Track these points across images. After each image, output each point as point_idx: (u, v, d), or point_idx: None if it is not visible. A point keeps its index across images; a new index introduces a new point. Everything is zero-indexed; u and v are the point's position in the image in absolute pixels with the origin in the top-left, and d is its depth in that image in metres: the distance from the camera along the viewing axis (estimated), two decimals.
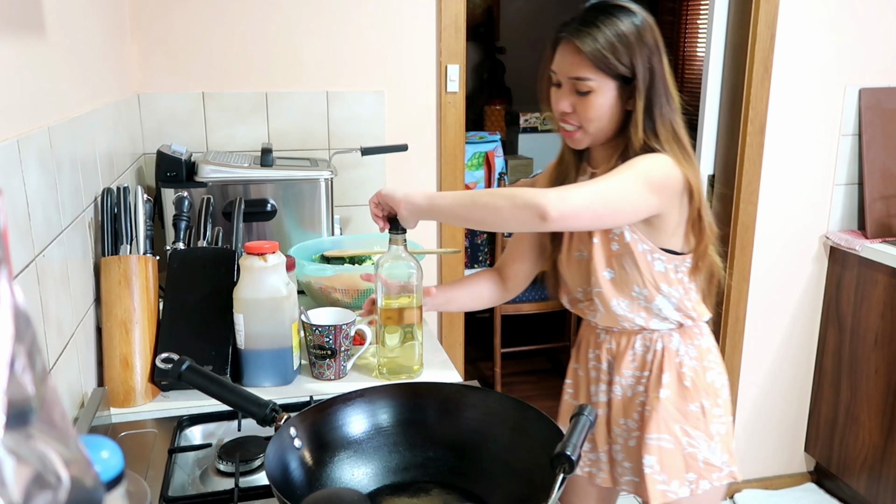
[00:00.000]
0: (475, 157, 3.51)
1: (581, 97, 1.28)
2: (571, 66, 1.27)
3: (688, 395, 1.36)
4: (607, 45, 1.24)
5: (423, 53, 2.19)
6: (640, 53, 1.25)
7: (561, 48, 1.29)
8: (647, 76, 1.25)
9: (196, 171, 1.79)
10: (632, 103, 1.28)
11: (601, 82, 1.26)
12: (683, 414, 1.36)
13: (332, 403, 1.01)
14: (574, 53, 1.26)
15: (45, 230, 1.08)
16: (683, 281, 1.35)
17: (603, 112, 1.28)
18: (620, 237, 1.32)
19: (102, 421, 1.18)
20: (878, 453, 2.44)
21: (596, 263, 1.34)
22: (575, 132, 1.32)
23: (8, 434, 0.33)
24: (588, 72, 1.25)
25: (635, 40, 1.25)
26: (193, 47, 2.04)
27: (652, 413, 1.35)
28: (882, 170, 2.49)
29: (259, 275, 1.29)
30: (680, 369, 1.37)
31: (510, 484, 0.95)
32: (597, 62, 1.24)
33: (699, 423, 1.37)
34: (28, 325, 0.37)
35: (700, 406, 1.37)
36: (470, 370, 3.54)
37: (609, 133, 1.31)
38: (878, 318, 2.41)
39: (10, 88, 1.01)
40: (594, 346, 1.45)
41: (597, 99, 1.27)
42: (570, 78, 1.27)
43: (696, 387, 1.37)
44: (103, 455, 0.45)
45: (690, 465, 1.36)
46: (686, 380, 1.36)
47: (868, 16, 2.41)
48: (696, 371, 1.38)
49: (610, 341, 1.42)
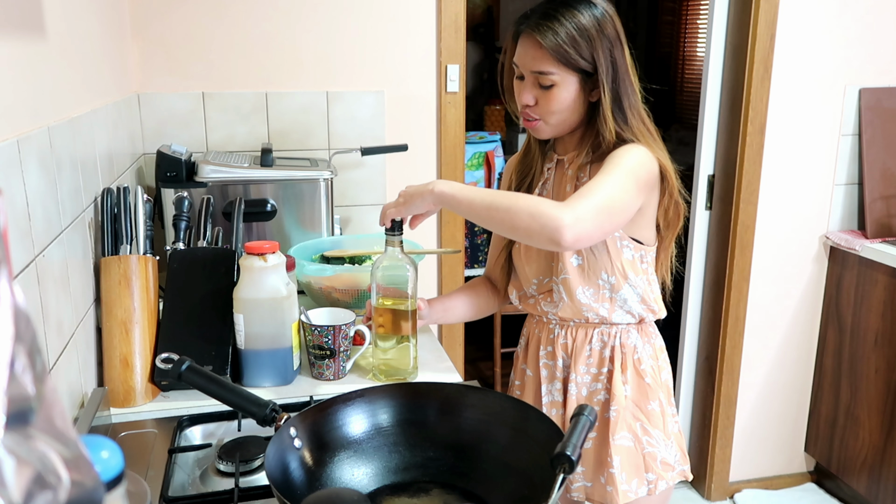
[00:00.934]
0: (475, 157, 3.51)
1: (544, 90, 1.27)
2: (534, 61, 1.26)
3: (649, 393, 1.36)
4: (568, 40, 1.23)
5: (423, 53, 2.19)
6: (602, 47, 1.24)
7: (522, 41, 1.29)
8: (609, 69, 1.25)
9: (196, 171, 1.79)
10: (595, 94, 1.28)
11: (563, 76, 1.25)
12: (645, 413, 1.35)
13: (332, 403, 1.01)
14: (536, 47, 1.25)
15: (45, 230, 1.08)
16: (648, 272, 1.35)
17: (565, 105, 1.28)
18: None
19: (102, 421, 1.18)
20: (878, 453, 2.44)
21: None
22: (535, 123, 1.32)
23: (8, 434, 0.33)
24: (550, 66, 1.25)
25: (596, 34, 1.24)
26: (193, 47, 2.04)
27: (619, 412, 1.33)
28: (882, 170, 2.49)
29: (259, 275, 1.29)
30: (639, 366, 1.36)
31: (510, 484, 0.95)
32: (558, 57, 1.24)
33: (658, 422, 1.36)
34: (28, 325, 0.37)
35: (659, 404, 1.37)
36: (470, 370, 3.54)
37: (573, 124, 1.32)
38: (878, 318, 2.41)
39: (10, 88, 1.01)
40: (546, 342, 1.42)
41: (559, 92, 1.27)
42: (533, 72, 1.27)
43: (655, 384, 1.36)
44: (103, 455, 0.45)
45: (650, 464, 1.35)
46: (647, 377, 1.36)
47: (868, 16, 2.41)
48: (654, 369, 1.37)
49: (565, 336, 1.39)
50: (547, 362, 1.42)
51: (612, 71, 1.25)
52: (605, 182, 1.21)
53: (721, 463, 2.70)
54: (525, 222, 1.16)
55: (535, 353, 1.44)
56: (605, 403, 1.36)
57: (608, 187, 1.20)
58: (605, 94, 1.26)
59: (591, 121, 1.31)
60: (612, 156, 1.26)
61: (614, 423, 1.33)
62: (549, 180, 1.41)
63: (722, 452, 2.69)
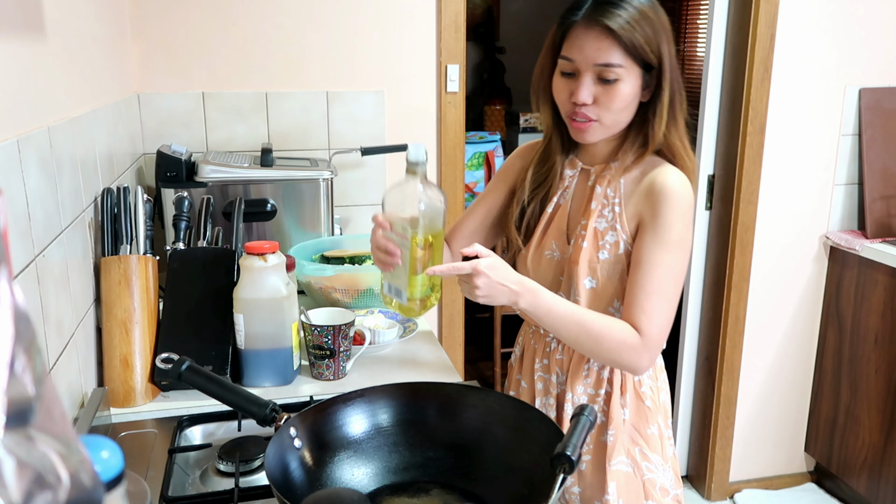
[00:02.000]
0: (475, 157, 3.51)
1: (604, 86, 1.15)
2: (598, 52, 1.13)
3: (648, 417, 1.27)
4: (638, 28, 1.12)
5: (423, 53, 2.19)
6: (664, 37, 1.15)
7: (580, 32, 1.14)
8: (670, 63, 1.15)
9: (196, 171, 1.79)
10: (647, 94, 1.18)
11: (628, 69, 1.14)
12: (644, 437, 1.27)
13: (332, 403, 1.01)
14: (601, 37, 1.12)
15: (45, 230, 1.08)
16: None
17: (626, 103, 1.16)
18: (614, 247, 1.22)
19: (102, 421, 1.18)
20: (878, 453, 2.44)
21: (580, 269, 1.23)
22: (588, 124, 1.18)
23: (8, 434, 0.33)
24: (617, 57, 1.12)
25: (658, 23, 1.14)
26: (193, 47, 2.04)
27: (617, 436, 1.25)
28: (882, 170, 2.49)
29: (259, 275, 1.29)
30: (639, 388, 1.27)
31: (510, 484, 0.95)
32: (628, 47, 1.12)
33: (657, 446, 1.28)
34: (28, 325, 0.37)
35: (658, 428, 1.28)
36: (470, 370, 3.54)
37: (623, 127, 1.21)
38: (878, 318, 2.41)
39: (10, 88, 1.01)
40: (542, 355, 1.33)
41: (623, 88, 1.14)
42: (596, 65, 1.14)
43: (655, 406, 1.28)
44: (103, 455, 0.45)
45: (649, 491, 1.26)
46: (647, 399, 1.27)
47: (868, 16, 2.41)
48: (653, 390, 1.29)
49: (561, 352, 1.30)
50: (542, 375, 1.33)
51: (671, 65, 1.16)
52: (667, 281, 1.16)
53: (721, 463, 2.70)
54: (606, 356, 1.18)
55: (531, 365, 1.35)
56: (602, 426, 1.27)
57: (671, 284, 1.17)
58: (665, 90, 1.16)
59: (630, 126, 1.22)
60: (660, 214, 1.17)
61: (612, 448, 1.25)
62: (570, 188, 1.29)
63: (722, 452, 2.69)
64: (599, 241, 1.23)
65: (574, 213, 1.28)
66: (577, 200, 1.29)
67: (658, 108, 1.17)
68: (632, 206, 1.21)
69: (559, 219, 1.29)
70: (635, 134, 1.22)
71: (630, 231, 1.21)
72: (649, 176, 1.20)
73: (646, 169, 1.22)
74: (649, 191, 1.19)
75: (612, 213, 1.23)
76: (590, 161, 1.28)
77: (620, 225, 1.21)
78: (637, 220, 1.21)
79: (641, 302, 1.16)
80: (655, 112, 1.18)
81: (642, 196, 1.20)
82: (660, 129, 1.18)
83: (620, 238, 1.21)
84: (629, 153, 1.22)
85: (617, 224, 1.22)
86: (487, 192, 1.41)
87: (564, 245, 1.27)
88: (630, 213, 1.21)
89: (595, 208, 1.24)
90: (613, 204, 1.23)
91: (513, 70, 4.86)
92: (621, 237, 1.21)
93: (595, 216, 1.23)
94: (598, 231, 1.23)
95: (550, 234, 1.29)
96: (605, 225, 1.23)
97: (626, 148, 1.23)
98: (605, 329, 1.16)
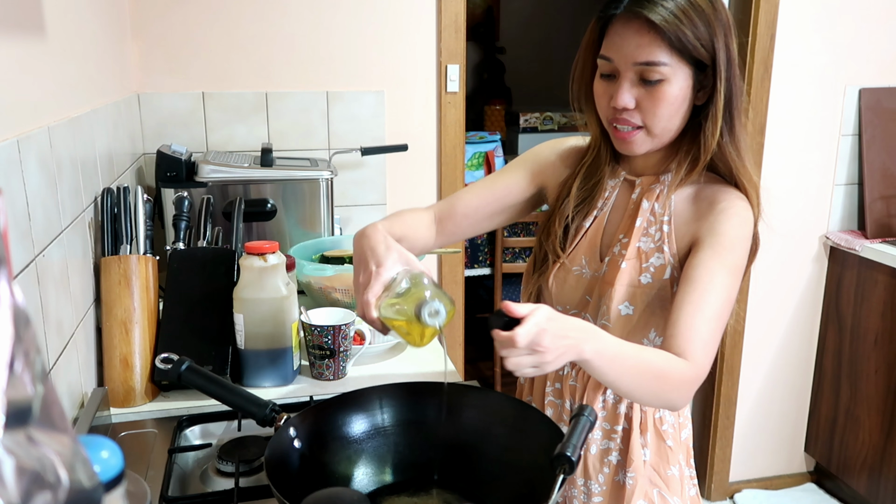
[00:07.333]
0: (475, 157, 3.51)
1: (648, 88, 1.01)
2: (638, 49, 1.00)
3: (670, 457, 1.16)
4: (686, 20, 0.98)
5: (423, 53, 2.19)
6: (719, 31, 1.01)
7: (619, 27, 1.02)
8: (726, 61, 1.02)
9: (196, 171, 1.79)
10: (703, 96, 1.05)
11: (675, 68, 1.00)
12: (664, 478, 1.16)
13: (332, 403, 1.01)
14: (642, 32, 0.99)
15: (45, 230, 1.08)
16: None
17: (675, 107, 1.03)
18: (659, 271, 1.08)
19: (102, 421, 1.18)
20: (878, 453, 2.44)
21: (615, 292, 1.08)
22: (634, 133, 1.05)
23: (7, 434, 0.33)
24: (661, 54, 0.99)
25: (713, 15, 1.00)
26: (193, 47, 2.04)
27: (637, 479, 1.14)
28: (882, 170, 2.49)
29: (259, 275, 1.29)
30: (661, 426, 1.15)
31: (510, 484, 0.95)
32: (673, 41, 0.98)
33: (677, 489, 1.16)
34: (28, 325, 0.37)
35: (679, 468, 1.17)
36: (470, 370, 3.53)
37: (674, 135, 1.07)
38: (878, 318, 2.41)
39: (10, 88, 1.01)
40: (553, 377, 1.20)
41: (669, 89, 1.01)
42: (637, 63, 1.01)
43: (676, 445, 1.17)
44: (103, 455, 0.45)
45: None
46: (668, 439, 1.16)
47: (868, 16, 2.41)
48: (675, 427, 1.17)
49: (575, 377, 1.17)
50: (553, 400, 1.21)
51: (728, 63, 1.02)
52: (725, 308, 1.02)
53: (721, 463, 2.70)
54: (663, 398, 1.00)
55: (542, 387, 1.22)
56: (619, 466, 1.16)
57: (726, 311, 1.03)
58: (720, 92, 1.02)
59: (683, 133, 1.08)
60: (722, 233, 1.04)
61: (630, 491, 1.14)
62: (610, 200, 1.16)
63: (722, 452, 2.69)
64: (643, 264, 1.09)
65: (611, 228, 1.15)
66: (615, 213, 1.15)
67: (711, 112, 1.03)
68: (683, 226, 1.08)
69: (593, 232, 1.16)
70: (689, 142, 1.08)
71: (679, 255, 1.08)
72: (707, 193, 1.08)
73: (702, 185, 1.09)
74: (709, 209, 1.06)
75: (660, 233, 1.09)
76: (633, 171, 1.15)
77: (668, 247, 1.08)
78: (690, 242, 1.07)
79: (698, 326, 0.99)
80: (708, 116, 1.04)
81: (699, 215, 1.07)
82: (713, 137, 1.04)
83: (667, 262, 1.08)
84: (684, 164, 1.08)
85: (665, 245, 1.08)
86: (502, 174, 1.24)
87: (597, 262, 1.14)
88: (681, 233, 1.08)
89: (640, 225, 1.10)
90: (662, 222, 1.09)
91: (513, 70, 4.86)
92: (668, 261, 1.08)
93: (640, 234, 1.10)
94: (643, 251, 1.09)
95: (581, 249, 1.16)
96: (652, 246, 1.09)
97: (680, 158, 1.09)
98: (667, 367, 0.96)
